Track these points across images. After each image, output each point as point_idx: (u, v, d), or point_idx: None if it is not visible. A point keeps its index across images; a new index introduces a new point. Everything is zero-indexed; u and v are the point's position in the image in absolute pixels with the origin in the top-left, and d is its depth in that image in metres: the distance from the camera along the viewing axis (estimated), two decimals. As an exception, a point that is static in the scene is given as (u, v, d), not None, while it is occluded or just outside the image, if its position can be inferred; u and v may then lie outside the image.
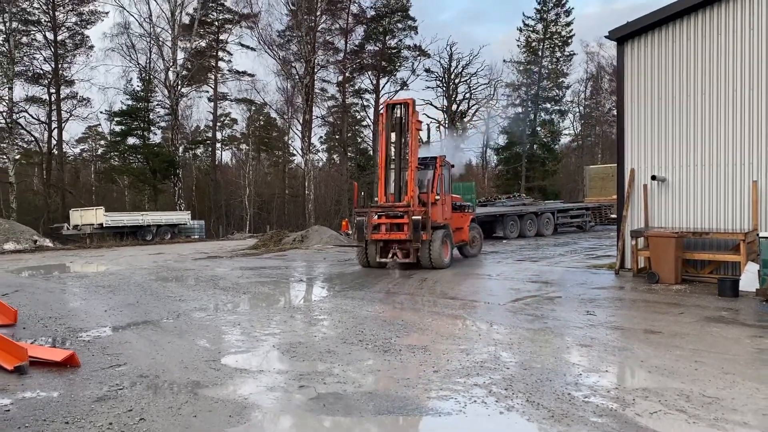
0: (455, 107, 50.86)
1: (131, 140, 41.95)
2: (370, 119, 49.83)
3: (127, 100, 41.71)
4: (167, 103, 40.76)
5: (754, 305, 8.71)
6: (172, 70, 39.25)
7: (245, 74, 49.09)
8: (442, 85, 50.78)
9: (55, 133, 40.55)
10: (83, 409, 4.67)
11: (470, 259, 16.60)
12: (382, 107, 14.85)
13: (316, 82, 42.41)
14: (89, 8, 40.36)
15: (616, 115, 14.67)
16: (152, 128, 43.13)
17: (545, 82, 50.20)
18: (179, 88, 40.13)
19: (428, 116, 51.08)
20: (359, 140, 52.03)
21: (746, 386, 4.99)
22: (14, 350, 5.88)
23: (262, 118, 55.02)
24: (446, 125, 49.91)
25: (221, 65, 49.52)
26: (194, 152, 50.68)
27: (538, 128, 50.41)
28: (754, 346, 6.39)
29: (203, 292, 11.20)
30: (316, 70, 41.30)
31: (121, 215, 32.68)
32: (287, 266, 16.17)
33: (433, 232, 13.50)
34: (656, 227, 11.89)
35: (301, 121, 42.67)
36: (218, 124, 52.90)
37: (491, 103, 50.98)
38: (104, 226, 30.46)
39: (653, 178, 11.95)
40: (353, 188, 16.20)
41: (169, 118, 41.86)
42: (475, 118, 52.12)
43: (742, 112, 10.94)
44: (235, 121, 56.12)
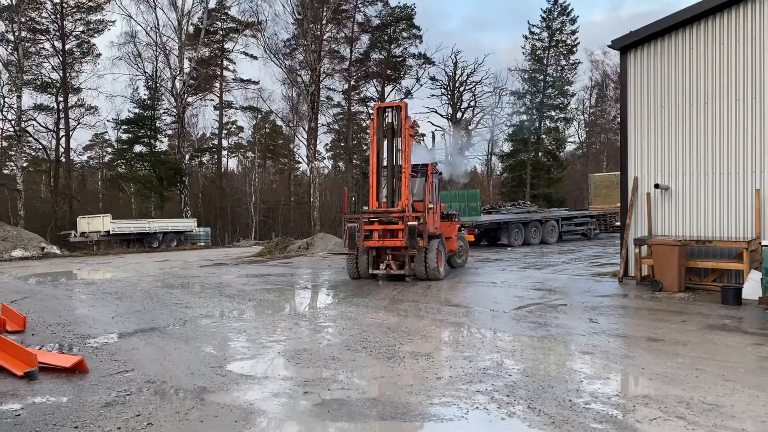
0: (460, 115, 51.01)
1: (138, 148, 42.38)
2: (375, 127, 49.94)
3: (134, 108, 42.15)
4: (174, 111, 41.09)
5: (756, 313, 8.74)
6: (178, 78, 39.61)
7: (250, 82, 49.56)
8: (446, 93, 51.01)
9: (62, 141, 40.97)
10: (92, 414, 4.77)
11: (468, 267, 16.36)
12: (373, 110, 14.09)
13: (321, 90, 42.72)
14: (97, 17, 40.91)
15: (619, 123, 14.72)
16: (159, 136, 43.54)
17: (550, 90, 50.32)
18: (186, 96, 40.45)
19: (433, 124, 51.21)
20: (364, 148, 52.16)
21: (746, 393, 5.04)
22: (24, 356, 5.99)
23: (267, 125, 55.37)
24: (451, 133, 50.08)
25: (226, 74, 50.00)
26: (200, 160, 51.03)
27: (543, 136, 50.48)
28: (755, 354, 6.43)
29: (209, 299, 11.31)
30: (321, 78, 41.59)
31: (127, 222, 32.92)
32: (292, 273, 16.26)
33: (428, 241, 13.02)
34: (659, 235, 11.92)
35: (306, 128, 42.95)
36: (224, 131, 53.32)
37: (496, 111, 51.16)
38: (111, 233, 30.70)
39: (656, 186, 12.00)
40: (343, 194, 15.38)
41: (175, 126, 42.18)
42: (479, 125, 52.31)
43: (744, 120, 10.98)
44: (241, 128, 56.64)
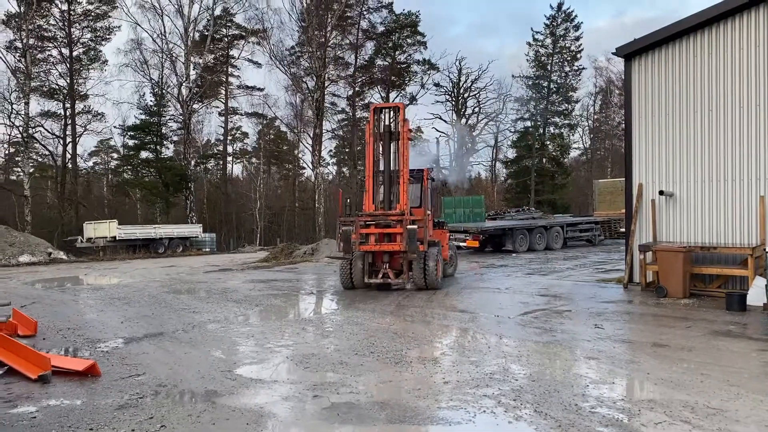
0: (464, 121, 51.16)
1: (144, 154, 42.68)
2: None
3: (140, 114, 42.46)
4: (180, 117, 41.35)
5: (761, 319, 8.77)
6: (185, 85, 39.88)
7: (255, 89, 49.85)
8: (451, 99, 51.17)
9: (69, 147, 41.28)
10: (106, 416, 4.85)
11: (472, 273, 16.37)
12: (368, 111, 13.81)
13: (326, 96, 42.91)
14: (104, 24, 41.26)
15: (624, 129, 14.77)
16: (164, 142, 43.81)
17: (554, 96, 50.42)
18: (192, 102, 40.71)
19: (437, 130, 51.34)
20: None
21: (751, 398, 5.09)
22: (37, 360, 6.09)
23: (272, 132, 55.61)
24: (455, 136, 50.22)
25: (231, 80, 50.30)
26: (206, 166, 51.27)
27: (547, 142, 50.55)
28: (760, 359, 6.48)
29: (216, 304, 11.40)
30: (326, 84, 41.80)
31: (133, 228, 33.04)
32: (298, 279, 16.35)
33: (428, 247, 12.52)
34: (664, 242, 11.97)
35: (311, 134, 43.15)
36: (229, 137, 53.57)
37: (500, 117, 51.28)
38: (117, 239, 30.84)
39: (661, 193, 12.05)
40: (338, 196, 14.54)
41: (181, 132, 42.45)
42: (484, 132, 52.42)
43: (749, 127, 11.03)
44: (246, 134, 56.88)
